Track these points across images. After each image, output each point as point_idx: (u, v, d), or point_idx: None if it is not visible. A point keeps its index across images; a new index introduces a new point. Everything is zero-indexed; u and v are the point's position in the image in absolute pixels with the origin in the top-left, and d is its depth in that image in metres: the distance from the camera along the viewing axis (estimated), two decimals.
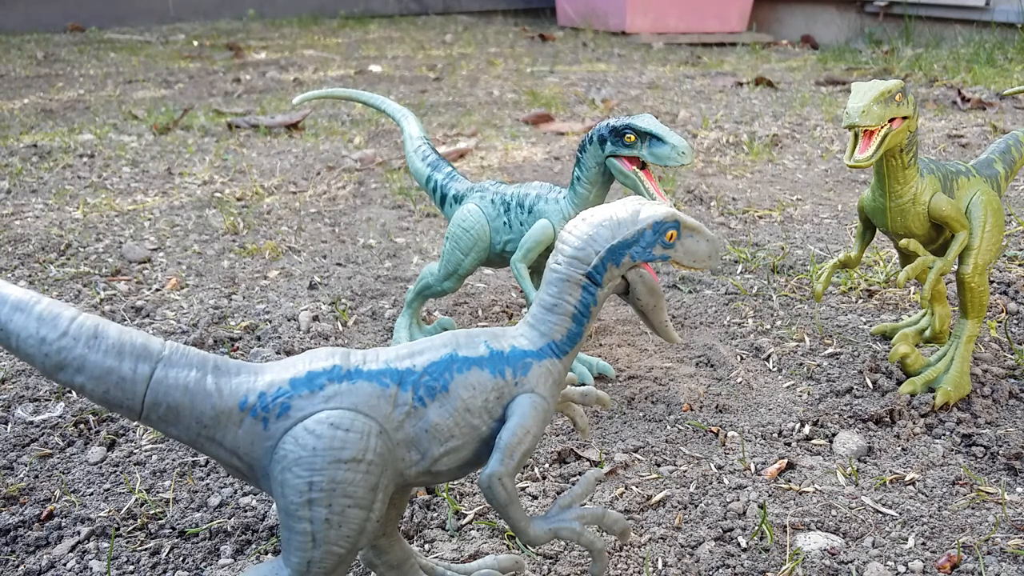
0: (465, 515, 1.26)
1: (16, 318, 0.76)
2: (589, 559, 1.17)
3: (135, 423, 1.50)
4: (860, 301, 1.98)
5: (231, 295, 2.05)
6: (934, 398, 1.50)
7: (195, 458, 1.40)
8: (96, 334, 0.77)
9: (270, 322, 1.89)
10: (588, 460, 1.39)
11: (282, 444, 0.79)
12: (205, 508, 1.28)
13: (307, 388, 0.80)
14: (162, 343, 0.80)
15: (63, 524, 1.25)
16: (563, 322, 0.87)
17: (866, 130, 1.33)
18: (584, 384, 1.61)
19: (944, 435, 1.45)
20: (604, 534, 1.21)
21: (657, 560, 1.16)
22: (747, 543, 1.19)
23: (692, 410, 1.54)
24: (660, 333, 0.93)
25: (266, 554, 1.19)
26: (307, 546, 0.80)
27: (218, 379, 0.80)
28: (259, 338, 1.82)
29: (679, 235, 0.88)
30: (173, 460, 1.40)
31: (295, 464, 0.78)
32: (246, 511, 1.27)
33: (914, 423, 1.47)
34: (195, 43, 6.76)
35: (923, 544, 1.19)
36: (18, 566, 1.17)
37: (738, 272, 2.16)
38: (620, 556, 1.17)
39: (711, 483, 1.33)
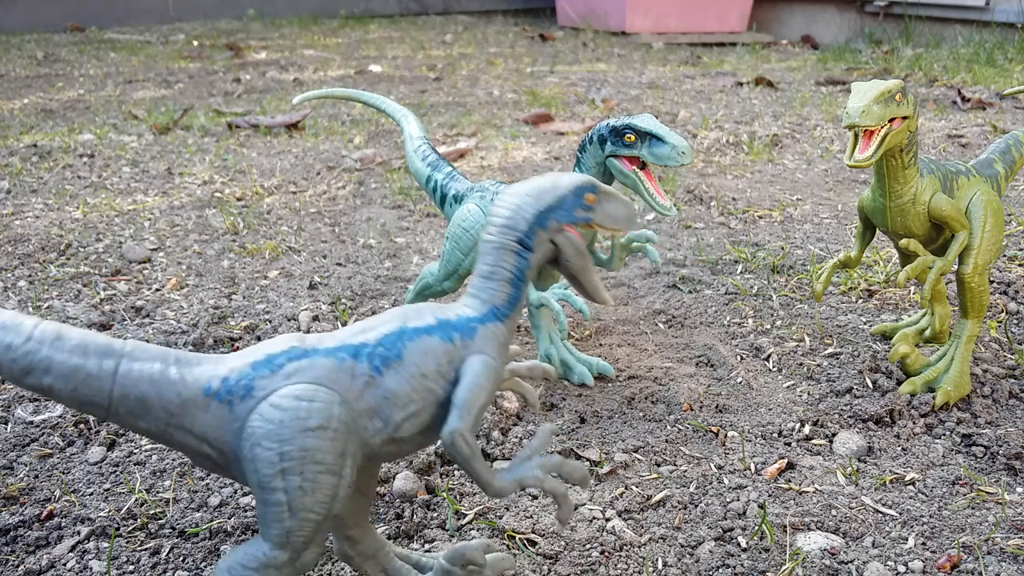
0: (465, 515, 1.26)
1: None
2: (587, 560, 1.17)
3: None
4: (860, 301, 1.98)
5: (231, 295, 2.05)
6: (934, 398, 1.50)
7: None
8: (59, 336, 0.80)
9: (270, 322, 1.89)
10: (588, 460, 1.39)
11: (249, 423, 0.81)
12: (205, 508, 1.28)
13: (267, 369, 0.84)
14: (123, 341, 0.83)
15: (63, 524, 1.25)
16: (502, 287, 0.92)
17: (866, 130, 1.33)
18: (584, 384, 1.61)
19: (944, 435, 1.45)
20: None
21: (657, 560, 1.16)
22: (747, 543, 1.19)
23: (692, 410, 1.54)
24: (592, 295, 0.98)
25: None
26: (284, 516, 0.82)
27: (181, 369, 0.83)
28: (259, 338, 1.82)
29: (598, 199, 0.95)
30: (173, 460, 1.40)
31: (264, 438, 0.81)
32: (246, 511, 1.27)
33: (914, 423, 1.47)
34: (195, 43, 6.76)
35: (923, 544, 1.19)
36: (18, 566, 1.17)
37: (738, 272, 2.16)
38: (620, 556, 1.17)
39: (711, 483, 1.33)
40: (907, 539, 1.20)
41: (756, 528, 1.21)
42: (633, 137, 1.41)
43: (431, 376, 0.88)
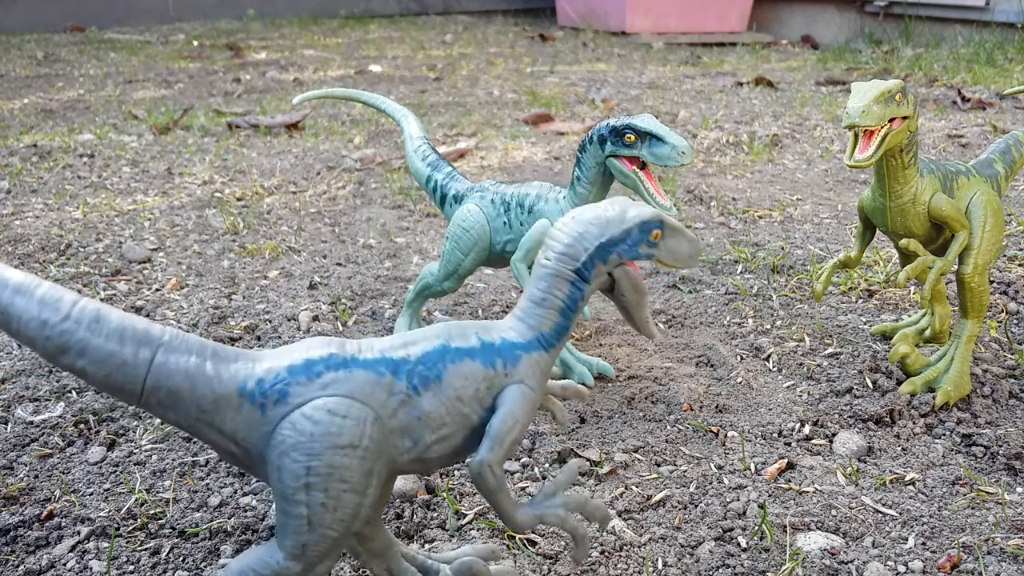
0: (465, 515, 1.26)
1: (17, 301, 0.76)
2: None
3: (135, 422, 1.50)
4: (860, 301, 1.98)
5: (231, 295, 2.05)
6: (934, 398, 1.50)
7: (195, 458, 1.40)
8: (98, 318, 0.78)
9: (270, 322, 1.89)
10: (588, 460, 1.39)
11: (280, 430, 0.80)
12: (205, 508, 1.28)
13: (304, 375, 0.81)
14: (162, 329, 0.81)
15: (63, 524, 1.25)
16: (551, 316, 0.90)
17: (866, 130, 1.33)
18: (584, 383, 1.61)
19: (944, 435, 1.45)
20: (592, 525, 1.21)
21: (657, 560, 1.16)
22: (747, 543, 1.19)
23: (692, 410, 1.54)
24: (642, 329, 0.96)
25: None
26: (303, 529, 0.81)
27: (217, 365, 0.81)
28: (259, 338, 1.82)
29: (663, 235, 0.91)
30: (173, 460, 1.40)
31: (293, 449, 0.79)
32: (246, 511, 1.27)
33: (914, 423, 1.47)
34: (195, 43, 6.76)
35: (923, 544, 1.19)
36: (18, 566, 1.17)
37: (738, 272, 2.16)
38: (620, 556, 1.17)
39: (711, 483, 1.33)
40: (907, 539, 1.20)
41: (756, 528, 1.21)
42: (633, 137, 1.41)
43: (467, 401, 0.86)
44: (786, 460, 1.38)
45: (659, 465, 1.38)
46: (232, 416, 0.81)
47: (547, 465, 1.38)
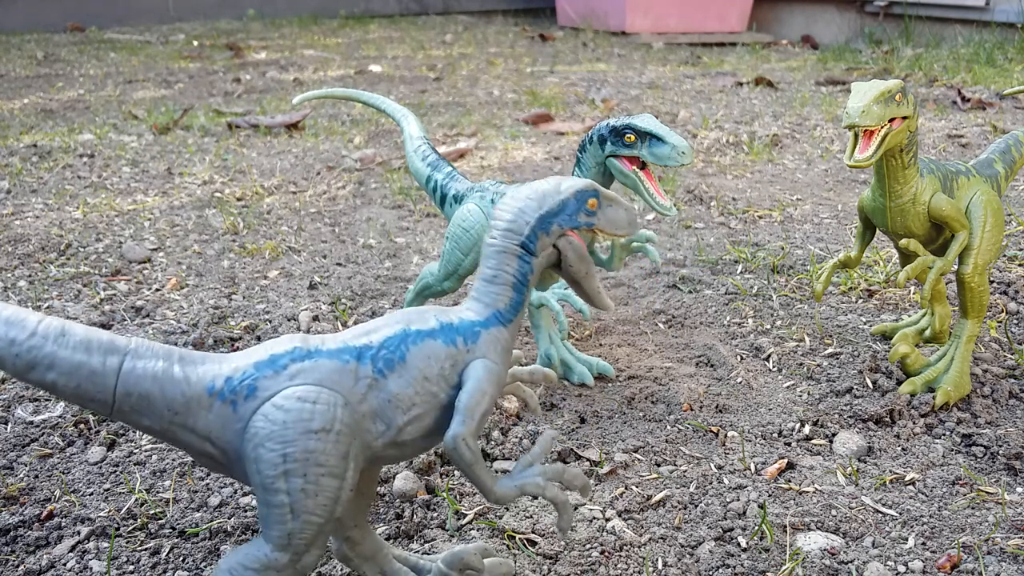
0: (465, 515, 1.26)
1: None
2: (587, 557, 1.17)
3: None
4: (860, 301, 1.98)
5: (231, 295, 2.05)
6: (934, 398, 1.50)
7: None
8: (63, 332, 0.80)
9: (270, 322, 1.89)
10: (588, 460, 1.39)
11: (252, 423, 0.82)
12: (205, 508, 1.28)
13: (271, 369, 0.84)
14: (127, 338, 0.83)
15: (63, 524, 1.25)
16: (505, 292, 0.93)
17: (866, 130, 1.33)
18: (584, 384, 1.61)
19: (944, 435, 1.45)
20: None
21: (657, 560, 1.16)
22: (747, 543, 1.19)
23: (692, 410, 1.54)
24: (593, 300, 0.99)
25: None
26: (286, 518, 0.82)
27: (184, 367, 0.83)
28: (259, 338, 1.82)
29: (600, 204, 0.95)
30: (173, 460, 1.40)
31: (267, 439, 0.81)
32: (246, 511, 1.27)
33: (914, 423, 1.47)
34: (195, 43, 6.76)
35: (923, 544, 1.19)
36: (18, 566, 1.17)
37: (738, 272, 2.16)
38: (620, 556, 1.17)
39: (711, 483, 1.33)
40: (907, 539, 1.20)
41: (756, 528, 1.21)
42: (633, 137, 1.41)
43: (434, 380, 0.88)
44: (786, 460, 1.38)
45: (659, 465, 1.38)
46: (204, 416, 0.82)
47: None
